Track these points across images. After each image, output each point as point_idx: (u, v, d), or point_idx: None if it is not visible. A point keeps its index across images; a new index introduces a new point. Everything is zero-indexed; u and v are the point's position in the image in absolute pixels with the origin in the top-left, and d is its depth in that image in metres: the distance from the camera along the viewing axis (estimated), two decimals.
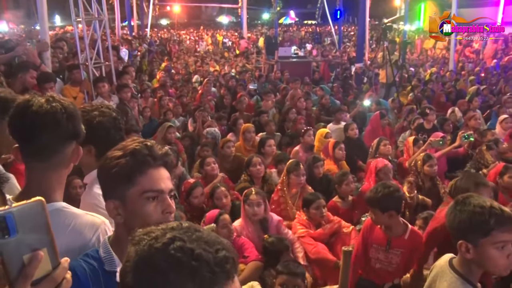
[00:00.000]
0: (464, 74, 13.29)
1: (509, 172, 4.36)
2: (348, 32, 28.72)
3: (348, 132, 6.21)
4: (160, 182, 1.43)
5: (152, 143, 1.46)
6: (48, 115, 1.51)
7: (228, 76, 11.38)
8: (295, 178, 4.26)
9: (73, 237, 1.54)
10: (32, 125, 1.51)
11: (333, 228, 3.82)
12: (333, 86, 10.69)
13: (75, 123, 1.59)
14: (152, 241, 0.90)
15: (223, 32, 28.74)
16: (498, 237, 1.79)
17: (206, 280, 0.87)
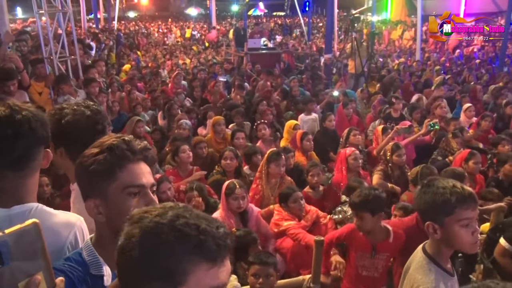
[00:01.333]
0: (430, 64, 13.58)
1: (474, 158, 4.51)
2: (317, 23, 28.86)
3: (326, 122, 6.23)
4: (141, 177, 1.39)
5: (130, 138, 1.43)
6: (23, 125, 1.44)
7: (198, 69, 11.28)
8: (275, 167, 4.27)
9: (50, 236, 1.46)
10: (6, 137, 1.43)
11: (313, 218, 3.85)
12: (302, 77, 10.74)
13: (47, 129, 1.53)
14: (156, 218, 0.94)
15: (191, 25, 28.40)
16: (462, 215, 1.83)
17: (211, 252, 0.93)
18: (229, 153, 4.62)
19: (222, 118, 6.03)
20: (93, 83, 6.28)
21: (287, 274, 3.62)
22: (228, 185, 3.72)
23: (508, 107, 7.41)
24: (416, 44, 15.63)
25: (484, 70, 12.51)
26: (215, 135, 5.80)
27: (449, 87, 9.54)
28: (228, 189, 3.69)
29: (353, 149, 4.70)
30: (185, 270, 0.93)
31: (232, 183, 3.72)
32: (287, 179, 4.41)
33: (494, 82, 10.43)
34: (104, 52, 13.74)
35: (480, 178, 4.75)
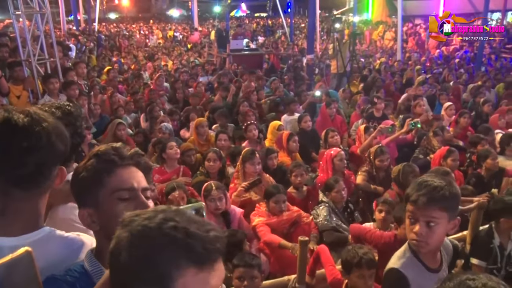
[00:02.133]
0: (411, 63, 13.74)
1: (452, 156, 4.60)
2: (299, 24, 29.00)
3: (302, 124, 6.26)
4: (131, 180, 1.37)
5: (119, 145, 1.41)
6: (42, 138, 1.30)
7: (180, 71, 11.21)
8: (250, 167, 4.28)
9: (65, 261, 1.39)
10: (20, 149, 1.28)
11: (292, 216, 3.83)
12: (284, 77, 10.77)
13: (66, 143, 1.41)
14: (145, 221, 0.93)
15: (173, 26, 28.25)
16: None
17: (199, 255, 0.92)
18: (213, 155, 4.60)
19: (204, 120, 6.00)
20: (73, 85, 6.18)
21: (272, 274, 3.62)
22: (205, 187, 3.73)
23: (485, 105, 7.54)
24: (397, 44, 15.81)
25: (463, 69, 12.71)
26: (198, 137, 5.76)
27: (430, 86, 9.67)
28: (205, 191, 3.70)
29: (339, 150, 4.73)
30: (173, 274, 0.91)
31: (210, 184, 3.72)
32: (265, 177, 4.41)
33: (472, 81, 10.61)
34: (85, 54, 13.58)
35: (459, 175, 4.84)
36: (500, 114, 7.02)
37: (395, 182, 4.31)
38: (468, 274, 1.19)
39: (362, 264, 2.75)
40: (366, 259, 2.74)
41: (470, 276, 1.17)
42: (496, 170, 4.76)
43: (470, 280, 1.15)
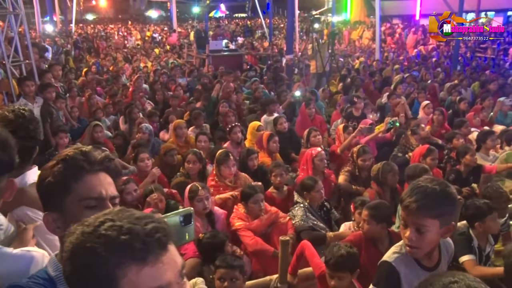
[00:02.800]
0: (389, 63, 13.91)
1: (432, 155, 4.66)
2: (278, 25, 29.09)
3: (277, 126, 6.21)
4: (99, 188, 1.32)
5: (89, 149, 1.36)
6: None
7: (160, 72, 11.13)
8: (225, 169, 4.27)
9: (11, 278, 1.35)
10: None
11: (270, 218, 3.84)
12: (264, 78, 10.79)
13: (11, 152, 1.38)
14: (84, 228, 0.92)
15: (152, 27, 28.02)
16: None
17: (138, 251, 0.89)
18: (192, 156, 4.58)
19: (183, 122, 5.96)
20: (49, 88, 6.08)
21: (254, 274, 3.62)
22: (190, 188, 3.70)
23: (461, 103, 7.67)
24: (375, 44, 15.99)
25: (440, 68, 12.92)
26: (177, 138, 5.72)
27: (408, 85, 9.81)
28: (191, 192, 3.67)
29: (319, 150, 4.72)
30: (117, 275, 0.88)
31: (194, 185, 3.70)
32: (241, 176, 4.41)
33: (449, 80, 10.80)
34: (62, 56, 13.37)
35: (437, 173, 4.90)
36: (475, 112, 7.16)
37: (374, 180, 4.35)
38: (449, 276, 1.20)
39: (329, 265, 2.78)
40: (332, 261, 2.76)
41: (452, 278, 1.17)
42: (474, 166, 4.85)
43: (453, 283, 1.16)
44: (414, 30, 21.23)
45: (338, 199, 4.76)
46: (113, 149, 5.74)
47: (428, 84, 10.07)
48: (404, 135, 5.78)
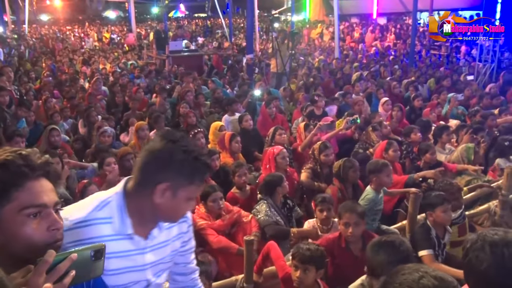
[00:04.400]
0: (349, 61, 14.17)
1: (392, 147, 4.79)
2: (239, 24, 29.11)
3: (243, 123, 6.25)
4: (42, 195, 1.24)
5: (28, 152, 1.25)
6: None
7: (118, 74, 10.91)
8: None
9: None
10: None
11: (233, 218, 3.84)
12: (225, 78, 10.78)
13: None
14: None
15: (110, 28, 27.43)
16: None
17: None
18: None
19: (145, 123, 5.87)
20: (2, 91, 5.85)
21: (220, 274, 3.61)
22: None
23: (416, 100, 7.90)
24: (334, 43, 16.25)
25: (397, 65, 13.28)
26: (139, 141, 5.63)
27: (367, 83, 10.02)
28: None
29: (281, 148, 4.74)
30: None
31: None
32: (210, 182, 4.36)
33: (406, 77, 11.11)
34: (15, 59, 12.90)
35: (398, 166, 5.02)
36: (430, 108, 7.39)
37: (336, 177, 4.42)
38: (412, 271, 1.25)
39: (296, 257, 2.79)
40: (300, 254, 2.77)
41: (417, 273, 1.24)
42: (434, 163, 4.99)
43: (421, 278, 1.23)
44: (372, 29, 21.75)
45: (301, 197, 4.80)
46: (72, 153, 5.59)
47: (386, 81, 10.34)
48: (365, 131, 5.89)
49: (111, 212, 1.57)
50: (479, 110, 6.99)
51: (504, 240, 1.53)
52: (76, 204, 1.63)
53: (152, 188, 1.53)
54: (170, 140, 1.54)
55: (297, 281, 2.77)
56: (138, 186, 1.57)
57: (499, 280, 1.50)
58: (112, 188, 1.65)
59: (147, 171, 1.55)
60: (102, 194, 1.63)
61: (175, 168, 1.53)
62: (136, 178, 1.58)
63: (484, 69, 12.29)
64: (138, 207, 1.58)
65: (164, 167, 1.53)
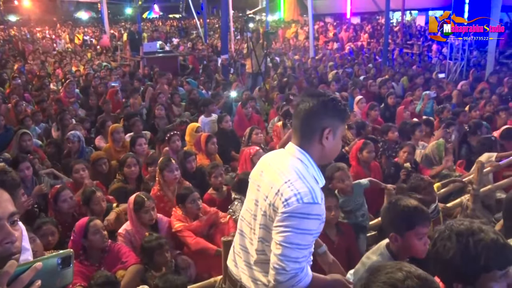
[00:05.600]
0: (324, 60, 14.30)
1: (367, 148, 4.81)
2: (214, 25, 29.03)
3: (222, 124, 6.25)
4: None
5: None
6: None
7: (92, 76, 10.75)
8: (169, 174, 4.20)
9: None
10: None
11: (210, 219, 3.83)
12: (200, 79, 10.74)
13: None
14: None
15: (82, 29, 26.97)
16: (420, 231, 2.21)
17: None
18: (132, 160, 4.49)
19: (120, 126, 5.80)
20: None
21: (199, 276, 3.60)
22: (135, 200, 3.60)
23: (389, 98, 8.02)
24: (309, 42, 16.38)
25: (371, 64, 13.46)
26: (114, 143, 5.55)
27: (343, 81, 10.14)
28: (137, 204, 3.58)
29: (257, 148, 4.75)
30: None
31: (139, 196, 3.62)
32: (185, 184, 4.35)
33: (380, 75, 11.28)
34: None
35: (375, 166, 5.03)
36: (404, 106, 7.52)
37: None
38: (395, 271, 1.27)
39: None
40: None
41: (401, 273, 1.26)
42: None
43: (407, 278, 1.25)
44: (346, 28, 21.99)
45: None
46: (45, 158, 5.48)
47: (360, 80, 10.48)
48: None
49: (310, 173, 1.88)
50: (446, 107, 7.16)
51: (470, 229, 1.60)
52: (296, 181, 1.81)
53: (319, 134, 1.88)
54: (316, 95, 1.92)
55: None
56: (307, 139, 1.91)
57: (464, 268, 1.56)
58: (281, 153, 2.02)
59: (310, 124, 1.89)
60: (286, 164, 1.90)
61: (331, 115, 1.89)
62: (302, 134, 1.92)
63: (455, 67, 12.58)
64: (315, 154, 1.91)
65: (322, 116, 1.88)
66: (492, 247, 1.55)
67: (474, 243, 1.56)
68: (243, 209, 2.12)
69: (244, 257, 2.06)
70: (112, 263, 3.23)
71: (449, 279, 1.64)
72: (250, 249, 2.02)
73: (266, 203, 1.88)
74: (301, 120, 1.90)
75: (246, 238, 2.05)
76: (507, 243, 1.60)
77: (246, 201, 2.12)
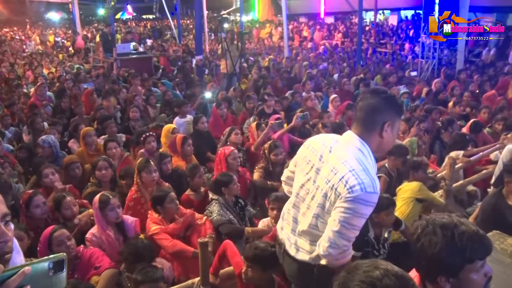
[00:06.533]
0: (299, 60, 14.37)
1: None
2: (188, 25, 28.87)
3: (198, 125, 6.21)
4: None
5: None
6: None
7: (64, 78, 10.54)
8: (147, 175, 4.15)
9: None
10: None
11: (187, 221, 3.80)
12: (175, 80, 10.66)
13: None
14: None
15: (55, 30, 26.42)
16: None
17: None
18: (103, 163, 4.43)
19: (91, 129, 5.68)
20: None
21: (176, 278, 3.58)
22: (100, 198, 3.56)
23: None
24: (283, 42, 16.44)
25: (345, 63, 13.61)
26: (87, 147, 5.45)
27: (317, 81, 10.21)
28: (102, 202, 3.54)
29: (232, 149, 4.74)
30: None
31: (104, 195, 3.59)
32: (164, 185, 4.33)
33: (354, 74, 11.41)
34: None
35: None
36: None
37: None
38: (373, 269, 1.29)
39: (245, 256, 2.83)
40: (249, 253, 2.80)
41: (379, 272, 1.27)
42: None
43: (384, 276, 1.26)
44: (319, 28, 22.17)
45: (254, 196, 4.82)
46: (16, 163, 5.35)
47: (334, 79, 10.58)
48: (315, 128, 5.99)
49: (369, 164, 2.12)
50: (418, 105, 7.28)
51: (452, 222, 1.63)
52: (360, 171, 2.05)
53: (380, 127, 2.12)
54: (380, 92, 2.17)
55: (243, 276, 2.82)
56: (368, 131, 2.15)
57: (451, 260, 1.59)
58: (341, 141, 2.22)
59: (373, 118, 2.13)
60: (349, 153, 2.13)
61: (391, 110, 2.14)
62: (364, 126, 2.15)
63: (427, 65, 12.84)
64: (373, 146, 2.15)
65: (384, 111, 2.13)
66: (475, 238, 1.59)
67: (459, 236, 1.59)
68: (297, 187, 2.37)
69: (292, 227, 2.38)
70: (86, 270, 3.17)
71: (434, 273, 1.65)
72: (302, 221, 2.31)
73: (327, 186, 2.12)
74: (365, 114, 2.15)
75: (299, 212, 2.34)
76: (484, 234, 1.65)
77: (299, 181, 2.36)
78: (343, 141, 2.20)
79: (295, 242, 2.34)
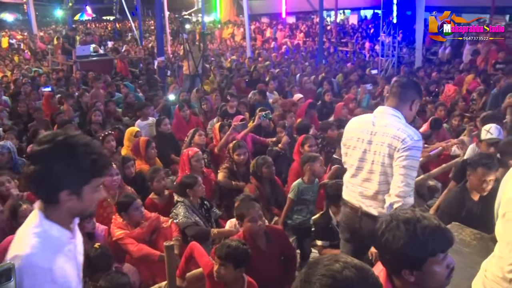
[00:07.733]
0: (261, 60, 14.44)
1: (308, 142, 4.95)
2: (149, 26, 28.48)
3: (161, 127, 6.14)
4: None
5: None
6: None
7: (20, 82, 10.19)
8: (108, 178, 4.08)
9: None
10: None
11: (152, 225, 3.76)
12: (138, 82, 10.52)
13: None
14: None
15: (7, 32, 25.50)
16: None
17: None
18: None
19: None
20: None
21: (144, 283, 3.55)
22: None
23: (325, 95, 8.23)
24: (246, 42, 16.47)
25: (307, 62, 13.76)
26: None
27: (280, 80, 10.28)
28: None
29: (196, 150, 4.71)
30: None
31: None
32: (126, 189, 4.27)
33: (316, 73, 11.56)
34: None
35: None
36: (344, 103, 7.72)
37: (253, 175, 4.50)
38: (333, 263, 1.30)
39: (217, 253, 2.84)
40: (221, 250, 2.82)
41: (339, 265, 1.29)
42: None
43: (345, 269, 1.28)
44: (281, 28, 22.34)
45: (220, 197, 4.81)
46: None
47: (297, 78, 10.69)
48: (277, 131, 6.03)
49: (403, 121, 2.82)
50: (379, 103, 7.46)
51: (415, 217, 1.69)
52: (405, 127, 2.77)
53: (411, 102, 2.86)
54: (410, 78, 3.06)
55: (216, 275, 2.83)
56: (403, 104, 2.85)
57: (414, 254, 1.64)
58: (377, 115, 2.87)
59: (407, 94, 2.84)
60: (390, 119, 2.79)
61: (418, 91, 2.91)
62: (400, 100, 2.85)
63: (387, 63, 13.16)
64: (404, 115, 2.85)
65: (413, 89, 2.87)
66: (437, 232, 1.65)
67: (422, 230, 1.64)
68: (355, 161, 2.93)
69: (360, 192, 2.93)
70: None
71: (398, 266, 1.70)
72: (370, 185, 2.86)
73: (384, 146, 2.73)
74: (401, 89, 2.79)
75: (361, 179, 2.90)
76: (446, 227, 1.71)
77: (356, 155, 2.91)
78: (380, 114, 2.85)
79: (369, 204, 2.89)
